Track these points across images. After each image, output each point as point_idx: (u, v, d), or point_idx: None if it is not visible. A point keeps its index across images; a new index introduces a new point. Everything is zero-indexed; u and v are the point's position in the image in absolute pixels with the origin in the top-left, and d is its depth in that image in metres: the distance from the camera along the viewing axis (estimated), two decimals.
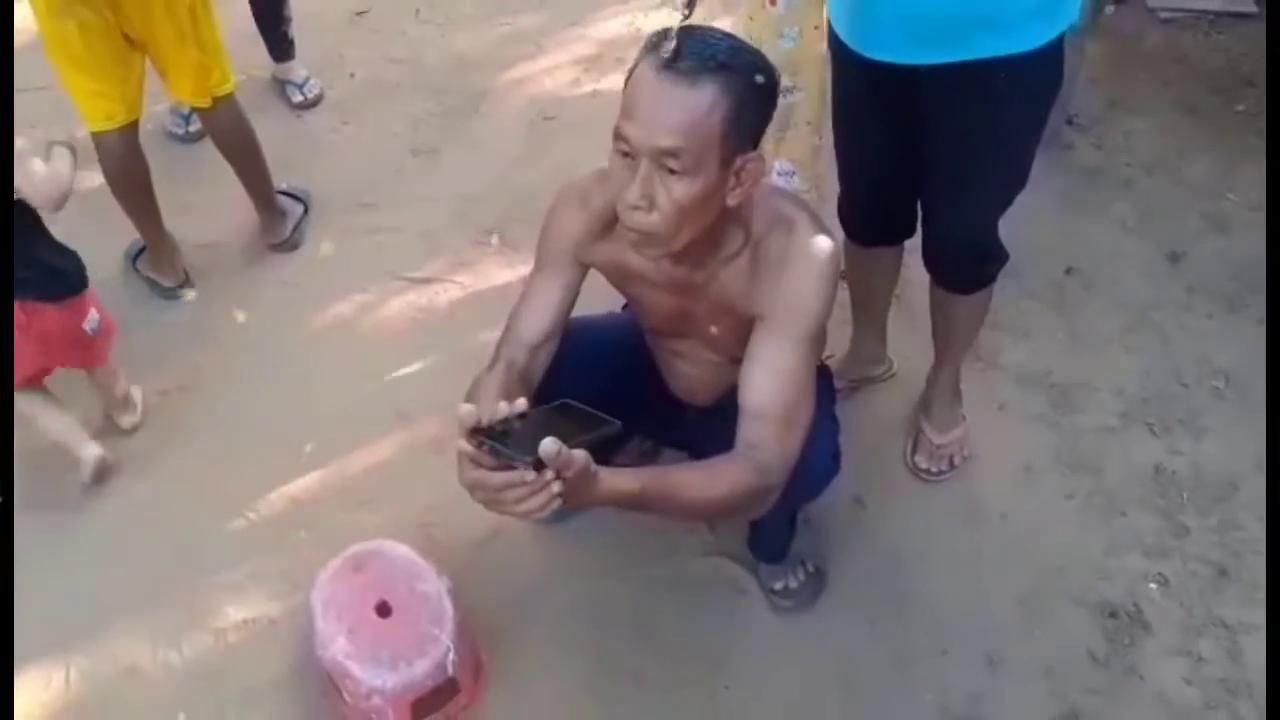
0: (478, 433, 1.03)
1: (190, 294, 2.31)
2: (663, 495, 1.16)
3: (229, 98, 2.18)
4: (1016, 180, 1.62)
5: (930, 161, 1.61)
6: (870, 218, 1.82)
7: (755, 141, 1.22)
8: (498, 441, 1.02)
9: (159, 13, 1.97)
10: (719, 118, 1.14)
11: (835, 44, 1.60)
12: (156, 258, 2.30)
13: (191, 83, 2.10)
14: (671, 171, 1.17)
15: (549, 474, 1.01)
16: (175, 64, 2.07)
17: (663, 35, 1.17)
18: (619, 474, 1.12)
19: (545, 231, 1.43)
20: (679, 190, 1.18)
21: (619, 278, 1.44)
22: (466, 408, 1.04)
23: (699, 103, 1.14)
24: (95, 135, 2.10)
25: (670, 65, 1.14)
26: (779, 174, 2.29)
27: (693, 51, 1.14)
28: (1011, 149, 1.58)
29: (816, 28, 1.99)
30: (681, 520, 1.39)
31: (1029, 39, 1.42)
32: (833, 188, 1.84)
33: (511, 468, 1.02)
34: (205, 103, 2.15)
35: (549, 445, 0.99)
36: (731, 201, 1.23)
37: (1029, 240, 1.70)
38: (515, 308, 1.43)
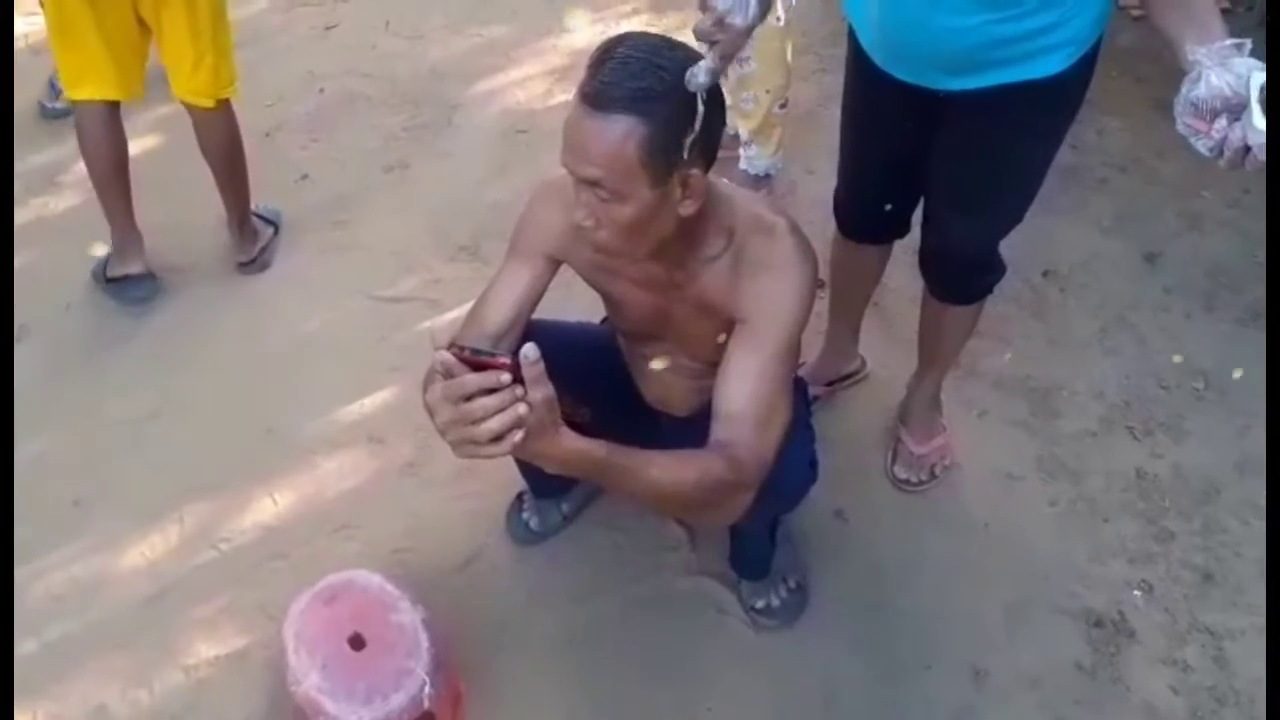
0: (455, 346, 1.01)
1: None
2: (628, 468, 1.13)
3: (228, 103, 2.17)
4: (1029, 197, 1.60)
5: (942, 176, 1.58)
6: (866, 217, 1.80)
7: (702, 155, 1.20)
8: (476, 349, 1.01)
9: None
10: (633, 148, 1.14)
11: (856, 52, 1.56)
12: (123, 249, 2.25)
13: (197, 80, 2.07)
14: (602, 198, 1.19)
15: (519, 390, 0.99)
16: (186, 56, 2.04)
17: (599, 55, 1.16)
18: (585, 438, 1.09)
19: (521, 225, 1.43)
20: (615, 212, 1.20)
21: (598, 275, 1.42)
22: (442, 322, 1.01)
23: (611, 136, 1.14)
24: (80, 104, 2.07)
25: (586, 97, 1.15)
26: (741, 144, 2.29)
27: (610, 80, 1.14)
28: (1031, 167, 1.55)
29: None
30: (647, 505, 1.35)
31: (1056, 62, 1.39)
32: (807, 165, 1.80)
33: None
34: (208, 103, 2.12)
35: (530, 348, 0.98)
36: (685, 212, 1.23)
37: (1005, 244, 1.69)
38: (481, 295, 1.42)
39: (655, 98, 1.13)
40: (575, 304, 1.68)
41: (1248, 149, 1.08)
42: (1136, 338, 2.19)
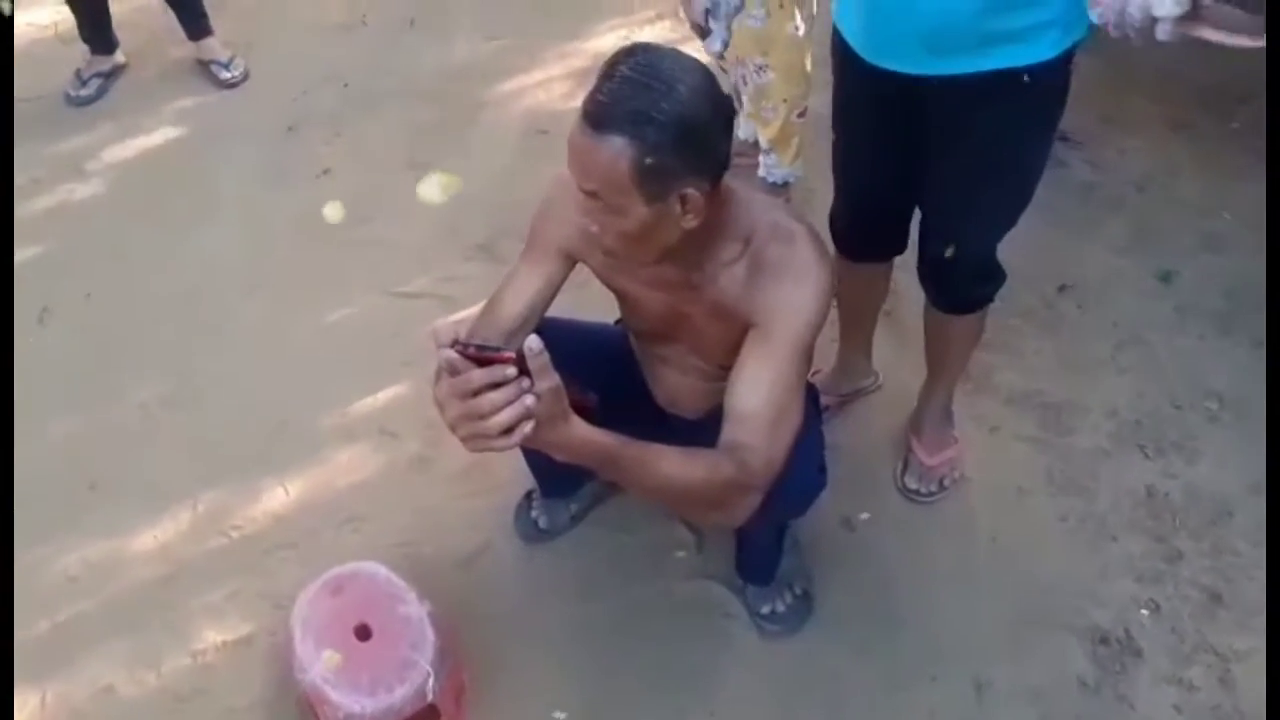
0: (458, 343, 1.02)
1: None
2: (637, 460, 1.14)
3: None
4: (1023, 197, 1.60)
5: (934, 177, 1.59)
6: (863, 233, 1.80)
7: (703, 172, 1.20)
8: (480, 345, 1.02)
9: None
10: (625, 168, 1.16)
11: (841, 49, 1.56)
12: None
13: None
14: (601, 210, 1.21)
15: (525, 383, 1.00)
16: None
17: (605, 69, 1.17)
18: (596, 428, 1.10)
19: (537, 221, 1.44)
20: (615, 224, 1.22)
21: (612, 275, 1.44)
22: (444, 322, 1.03)
23: (603, 154, 1.16)
24: None
25: (585, 114, 1.16)
26: (761, 152, 2.31)
27: (605, 99, 1.15)
28: (1020, 163, 1.56)
29: (782, 6, 2.03)
30: (654, 500, 1.35)
31: (1042, 49, 1.40)
32: (825, 173, 1.81)
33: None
34: None
35: (533, 340, 0.99)
36: (687, 225, 1.24)
37: (1021, 259, 1.69)
38: (496, 291, 1.43)
39: (646, 121, 1.14)
40: (589, 305, 1.69)
41: (1155, 20, 1.08)
42: (1150, 356, 2.18)
